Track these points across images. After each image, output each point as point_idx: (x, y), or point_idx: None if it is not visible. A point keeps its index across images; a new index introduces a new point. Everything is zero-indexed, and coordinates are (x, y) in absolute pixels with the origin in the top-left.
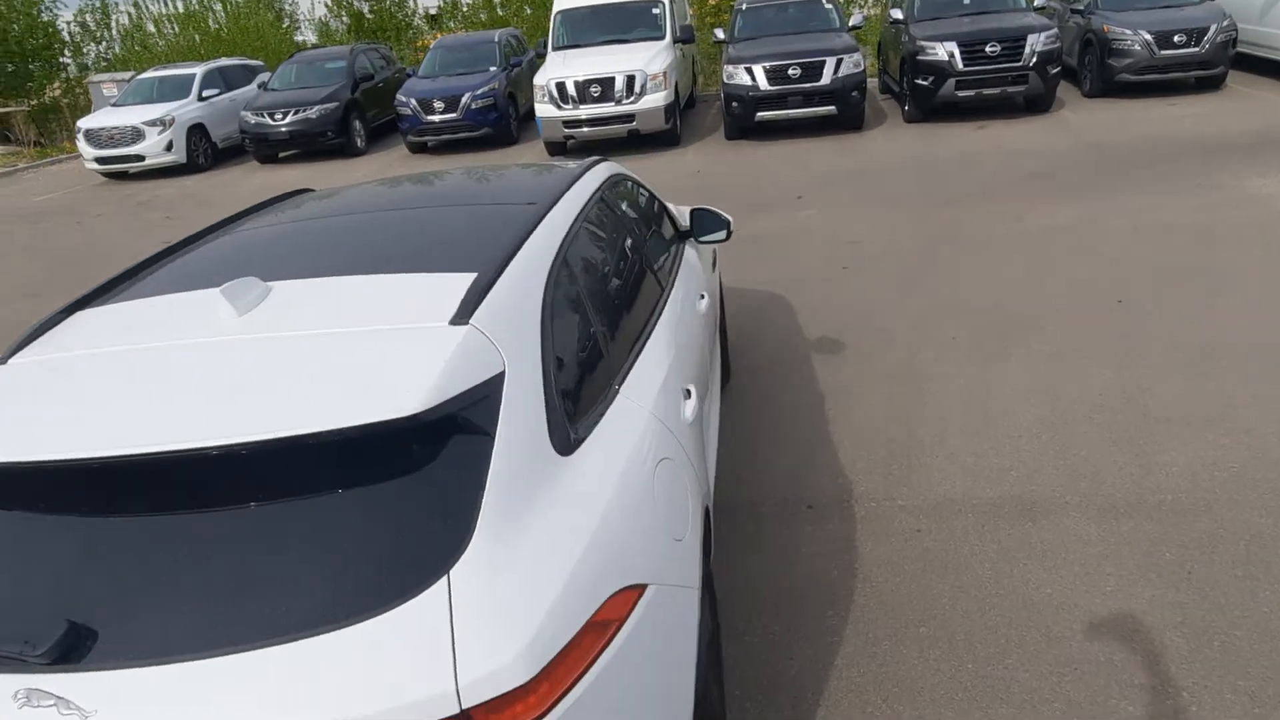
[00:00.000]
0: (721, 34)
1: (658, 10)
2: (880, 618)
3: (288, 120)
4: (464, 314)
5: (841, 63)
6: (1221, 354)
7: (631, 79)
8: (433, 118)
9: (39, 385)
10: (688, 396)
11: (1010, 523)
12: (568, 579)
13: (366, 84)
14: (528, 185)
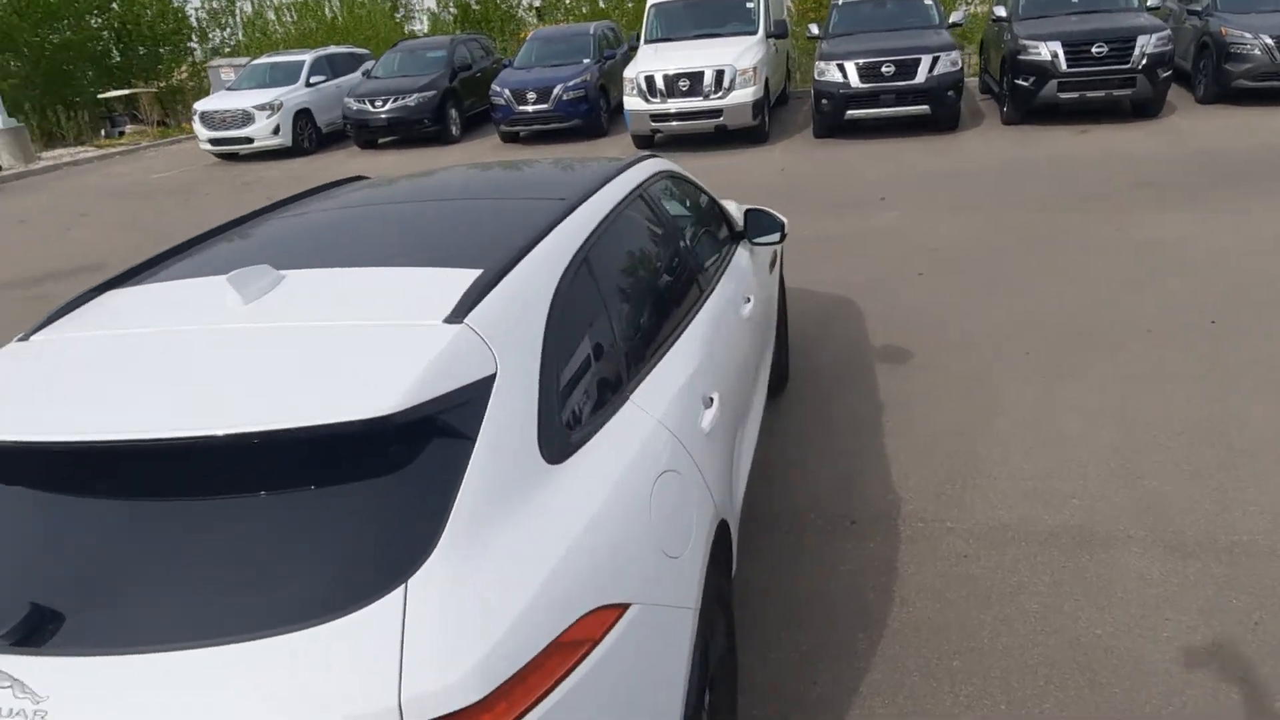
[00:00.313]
0: (816, 29)
1: (751, 4)
2: (914, 646)
3: (387, 107)
4: (459, 312)
5: (937, 61)
6: None
7: (720, 74)
8: (525, 108)
9: (28, 367)
10: (709, 405)
11: (1066, 554)
12: (535, 594)
13: (464, 73)
14: (565, 180)
